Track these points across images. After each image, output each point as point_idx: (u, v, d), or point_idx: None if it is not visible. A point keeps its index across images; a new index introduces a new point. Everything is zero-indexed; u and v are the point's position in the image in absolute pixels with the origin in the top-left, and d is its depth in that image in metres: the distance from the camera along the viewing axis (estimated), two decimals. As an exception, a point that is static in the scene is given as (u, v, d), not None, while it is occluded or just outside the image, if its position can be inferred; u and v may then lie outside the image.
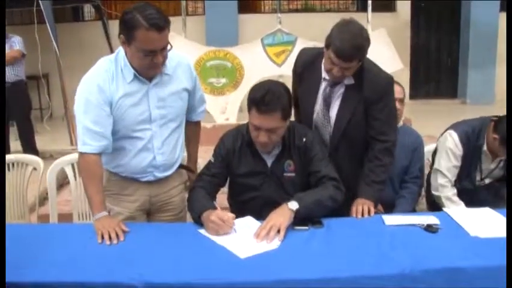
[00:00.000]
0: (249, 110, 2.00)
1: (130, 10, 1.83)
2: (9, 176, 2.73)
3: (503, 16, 7.52)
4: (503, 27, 7.47)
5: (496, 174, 2.57)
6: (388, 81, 2.22)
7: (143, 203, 2.15)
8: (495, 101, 7.32)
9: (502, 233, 1.80)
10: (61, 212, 2.71)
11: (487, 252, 1.67)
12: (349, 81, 2.16)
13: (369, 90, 2.15)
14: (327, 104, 2.22)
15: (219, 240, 1.80)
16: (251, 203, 2.14)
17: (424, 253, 1.67)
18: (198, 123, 2.35)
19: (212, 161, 2.17)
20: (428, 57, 8.48)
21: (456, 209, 2.25)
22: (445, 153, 2.52)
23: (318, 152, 2.11)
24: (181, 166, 2.24)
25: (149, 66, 1.89)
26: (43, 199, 3.47)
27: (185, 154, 2.32)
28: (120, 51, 1.95)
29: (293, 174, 2.12)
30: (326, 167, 2.09)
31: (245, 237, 1.81)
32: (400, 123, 2.68)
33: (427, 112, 5.26)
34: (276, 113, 1.95)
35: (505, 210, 2.04)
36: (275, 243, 1.76)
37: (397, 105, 2.58)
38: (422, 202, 2.91)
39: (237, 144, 2.14)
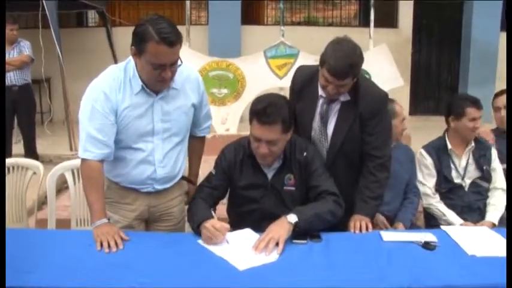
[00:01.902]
0: (251, 121, 2.02)
1: (143, 22, 1.82)
2: (9, 179, 2.74)
3: (503, 35, 7.59)
4: (503, 46, 7.53)
5: (474, 174, 2.72)
6: (383, 97, 2.25)
7: (142, 213, 2.15)
8: (494, 120, 7.36)
9: (499, 252, 1.81)
10: (59, 217, 2.72)
11: (483, 271, 1.67)
12: (345, 97, 2.19)
13: (364, 107, 2.17)
14: (324, 121, 2.24)
15: (218, 251, 1.80)
16: (251, 215, 2.14)
17: (421, 270, 1.67)
18: (202, 138, 2.34)
19: (213, 172, 2.18)
20: (429, 74, 8.53)
21: (454, 228, 2.27)
22: (418, 167, 2.80)
23: (318, 167, 2.13)
24: (182, 177, 2.24)
25: (157, 79, 1.88)
26: (41, 203, 3.47)
27: (187, 165, 2.33)
28: (130, 60, 1.95)
29: (293, 188, 2.13)
30: (326, 181, 2.11)
31: (244, 249, 1.82)
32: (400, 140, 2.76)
33: (426, 128, 5.26)
34: (277, 125, 1.97)
35: (502, 229, 2.07)
36: (273, 256, 1.77)
37: (402, 125, 2.70)
38: (420, 218, 2.93)
39: (238, 157, 2.15)
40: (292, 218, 1.89)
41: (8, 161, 2.79)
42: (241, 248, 1.83)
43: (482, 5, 7.54)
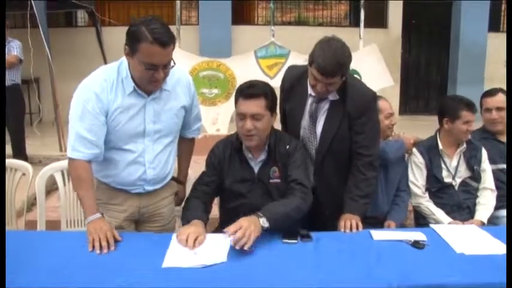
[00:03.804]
0: (236, 102, 2.10)
1: (136, 22, 1.83)
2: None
3: (491, 36, 7.68)
4: (491, 47, 7.62)
5: (464, 174, 2.74)
6: (371, 97, 2.27)
7: (132, 213, 2.14)
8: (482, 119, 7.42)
9: (487, 250, 1.84)
10: (48, 218, 2.69)
11: (472, 269, 1.69)
12: (334, 96, 2.21)
13: (351, 106, 2.20)
14: (313, 120, 2.27)
15: (186, 264, 1.73)
16: (239, 209, 2.14)
17: (410, 269, 1.69)
18: (192, 140, 2.35)
19: (205, 170, 2.22)
20: (418, 74, 8.60)
21: (443, 226, 2.29)
22: (410, 167, 2.79)
23: (297, 159, 2.15)
24: (172, 178, 2.25)
25: (149, 80, 1.89)
26: (30, 205, 3.44)
27: (176, 165, 2.33)
28: (124, 61, 1.95)
29: (278, 181, 2.16)
30: (301, 172, 2.11)
31: (202, 249, 1.81)
32: (390, 138, 2.75)
33: (416, 128, 5.29)
34: (260, 99, 2.05)
35: (490, 228, 2.09)
36: (223, 257, 1.75)
37: (389, 120, 2.66)
38: (410, 217, 2.95)
39: (226, 152, 2.19)
40: (264, 223, 1.86)
41: (-3, 162, 2.76)
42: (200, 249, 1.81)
43: (470, 6, 7.62)
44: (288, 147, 2.16)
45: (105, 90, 1.91)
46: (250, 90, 2.06)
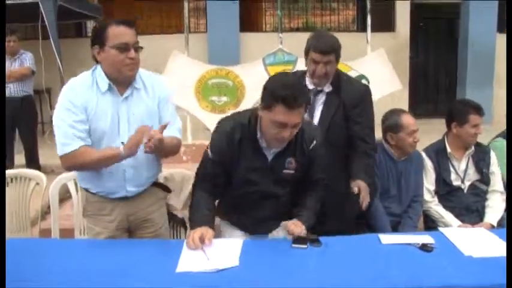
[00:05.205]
0: (273, 106, 1.89)
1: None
2: (12, 190, 2.77)
3: (500, 37, 7.63)
4: (500, 48, 7.57)
5: (473, 177, 2.77)
6: (363, 88, 2.49)
7: (121, 222, 2.16)
8: (493, 122, 7.36)
9: (495, 253, 1.84)
10: (62, 226, 2.74)
11: (480, 271, 1.70)
12: (329, 88, 2.43)
13: (346, 96, 2.40)
14: (311, 111, 2.41)
15: (198, 268, 1.76)
16: (248, 196, 2.12)
17: (419, 272, 1.70)
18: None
19: (210, 156, 2.08)
20: (427, 77, 8.57)
21: (451, 229, 2.30)
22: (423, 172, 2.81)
23: (321, 163, 2.15)
24: (156, 184, 2.26)
25: (124, 63, 1.96)
26: (44, 213, 3.49)
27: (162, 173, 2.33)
28: (98, 67, 2.05)
29: (292, 172, 2.08)
30: (322, 173, 2.19)
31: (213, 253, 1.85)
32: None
33: (425, 131, 5.26)
34: (302, 108, 1.92)
35: (499, 230, 2.09)
36: (235, 261, 1.80)
37: (412, 138, 2.69)
38: (420, 221, 2.95)
39: (236, 136, 2.03)
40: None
41: (11, 172, 2.82)
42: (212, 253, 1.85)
43: (478, 7, 7.58)
44: (314, 143, 2.07)
45: (83, 89, 2.01)
46: (295, 102, 1.86)
